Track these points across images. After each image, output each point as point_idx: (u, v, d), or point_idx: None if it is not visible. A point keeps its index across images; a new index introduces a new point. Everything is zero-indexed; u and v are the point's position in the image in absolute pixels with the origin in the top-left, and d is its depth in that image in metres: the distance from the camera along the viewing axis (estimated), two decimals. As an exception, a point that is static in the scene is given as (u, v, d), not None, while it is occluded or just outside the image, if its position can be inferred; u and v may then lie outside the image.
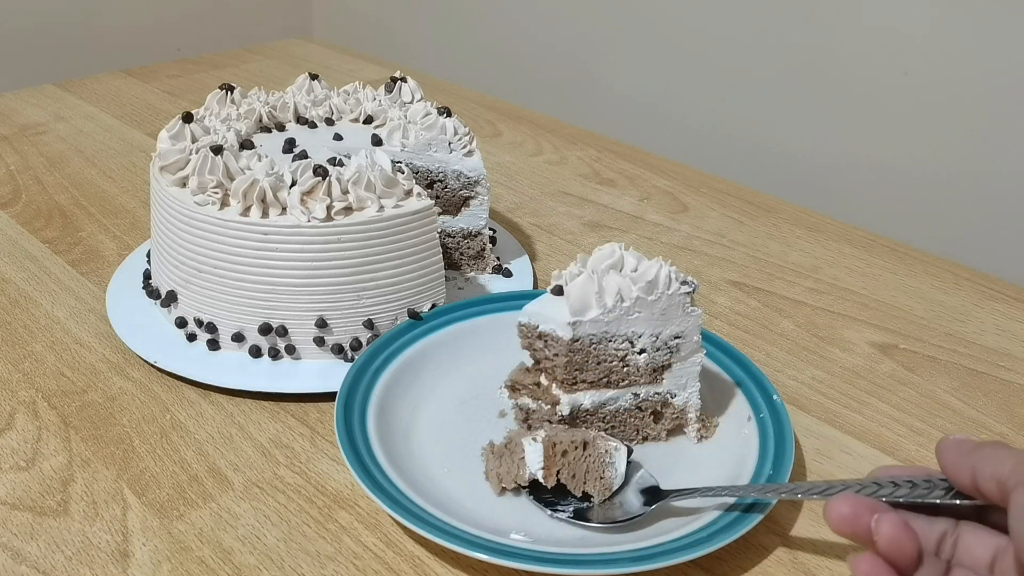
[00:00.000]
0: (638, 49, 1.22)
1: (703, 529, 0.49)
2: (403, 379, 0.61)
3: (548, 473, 0.52)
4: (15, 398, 0.62)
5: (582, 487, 0.52)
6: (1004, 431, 0.62)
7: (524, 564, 0.47)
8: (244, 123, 0.72)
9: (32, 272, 0.77)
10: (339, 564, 0.50)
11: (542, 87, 1.35)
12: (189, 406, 0.62)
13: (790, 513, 0.54)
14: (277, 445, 0.59)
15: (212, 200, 0.62)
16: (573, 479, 0.52)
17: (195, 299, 0.65)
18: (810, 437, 0.61)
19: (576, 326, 0.54)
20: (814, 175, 1.08)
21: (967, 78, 0.94)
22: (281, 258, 0.62)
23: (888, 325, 0.74)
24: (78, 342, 0.68)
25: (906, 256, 0.85)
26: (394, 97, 0.79)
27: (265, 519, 0.53)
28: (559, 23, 1.31)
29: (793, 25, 1.05)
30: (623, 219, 0.91)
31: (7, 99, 1.17)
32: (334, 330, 0.64)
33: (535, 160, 1.04)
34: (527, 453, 0.52)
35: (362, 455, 0.53)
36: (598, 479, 0.52)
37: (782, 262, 0.83)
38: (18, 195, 0.91)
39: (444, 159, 0.73)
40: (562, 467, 0.52)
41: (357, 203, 0.62)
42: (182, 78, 1.27)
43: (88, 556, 0.50)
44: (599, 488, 0.52)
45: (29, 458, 0.57)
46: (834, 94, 1.05)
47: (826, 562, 0.51)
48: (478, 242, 0.76)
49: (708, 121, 1.18)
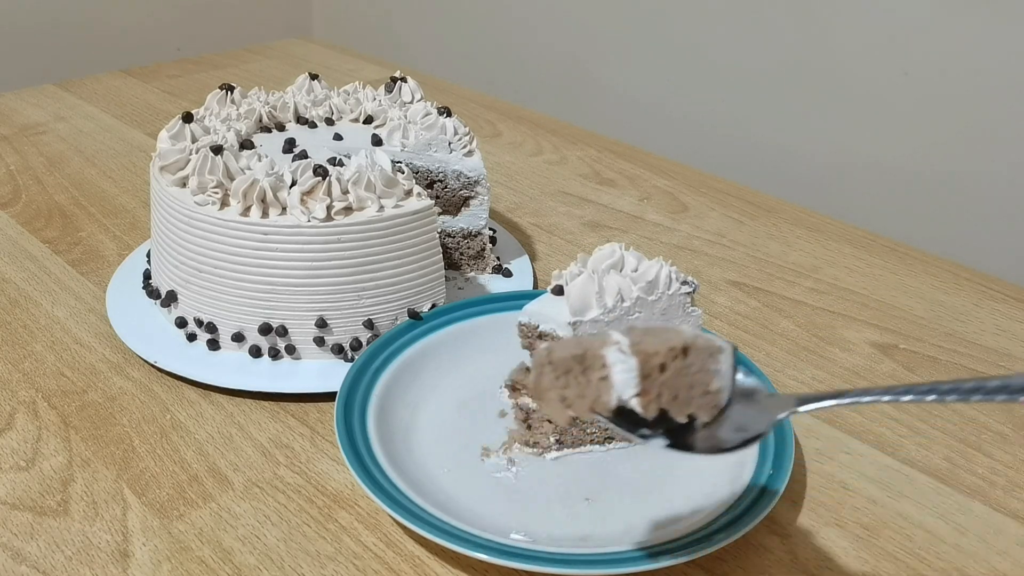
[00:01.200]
0: (638, 49, 1.22)
1: (703, 529, 0.49)
2: (403, 379, 0.61)
3: (647, 398, 0.39)
4: (15, 398, 0.62)
5: (686, 410, 0.40)
6: (1004, 431, 0.62)
7: (524, 564, 0.47)
8: (244, 123, 0.72)
9: (32, 272, 0.77)
10: (339, 564, 0.50)
11: (542, 87, 1.35)
12: (189, 406, 0.62)
13: (790, 513, 0.54)
14: (277, 445, 0.59)
15: (212, 200, 0.62)
16: (675, 401, 0.40)
17: (195, 299, 0.65)
18: (810, 437, 0.61)
19: (576, 326, 0.54)
20: (814, 175, 1.08)
21: (967, 78, 0.94)
22: (281, 258, 0.62)
23: (888, 325, 0.74)
24: (78, 342, 0.68)
25: (906, 256, 0.85)
26: (394, 97, 0.79)
27: (265, 519, 0.53)
28: (559, 23, 1.31)
29: (793, 25, 1.05)
30: (623, 219, 0.91)
31: (7, 99, 1.17)
32: (334, 330, 0.64)
33: (535, 160, 1.04)
34: (614, 370, 0.39)
35: (362, 455, 0.53)
36: (703, 393, 0.40)
37: (782, 262, 0.83)
38: (18, 195, 0.91)
39: (444, 159, 0.73)
40: (662, 388, 0.39)
41: (357, 203, 0.62)
42: (182, 78, 1.27)
43: (88, 556, 0.50)
44: (707, 406, 0.40)
45: (29, 458, 0.57)
46: (834, 94, 1.05)
47: (826, 562, 0.51)
48: (478, 242, 0.76)
49: (708, 121, 1.18)
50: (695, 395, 0.40)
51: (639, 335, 0.40)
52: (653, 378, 0.39)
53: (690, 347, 0.40)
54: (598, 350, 0.39)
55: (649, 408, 0.39)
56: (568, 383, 0.39)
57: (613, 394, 0.39)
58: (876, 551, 0.52)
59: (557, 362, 0.39)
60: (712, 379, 0.40)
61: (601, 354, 0.39)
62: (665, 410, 0.39)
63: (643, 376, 0.38)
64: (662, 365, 0.39)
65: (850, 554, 0.52)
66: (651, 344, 0.39)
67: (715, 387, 0.40)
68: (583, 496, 0.54)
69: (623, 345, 0.39)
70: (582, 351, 0.39)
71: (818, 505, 0.55)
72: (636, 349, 0.38)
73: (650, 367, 0.39)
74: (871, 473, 0.58)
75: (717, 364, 0.40)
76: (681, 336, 0.40)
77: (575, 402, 0.39)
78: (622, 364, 0.38)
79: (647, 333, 0.40)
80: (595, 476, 0.56)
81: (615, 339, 0.39)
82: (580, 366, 0.39)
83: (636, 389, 0.38)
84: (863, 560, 0.51)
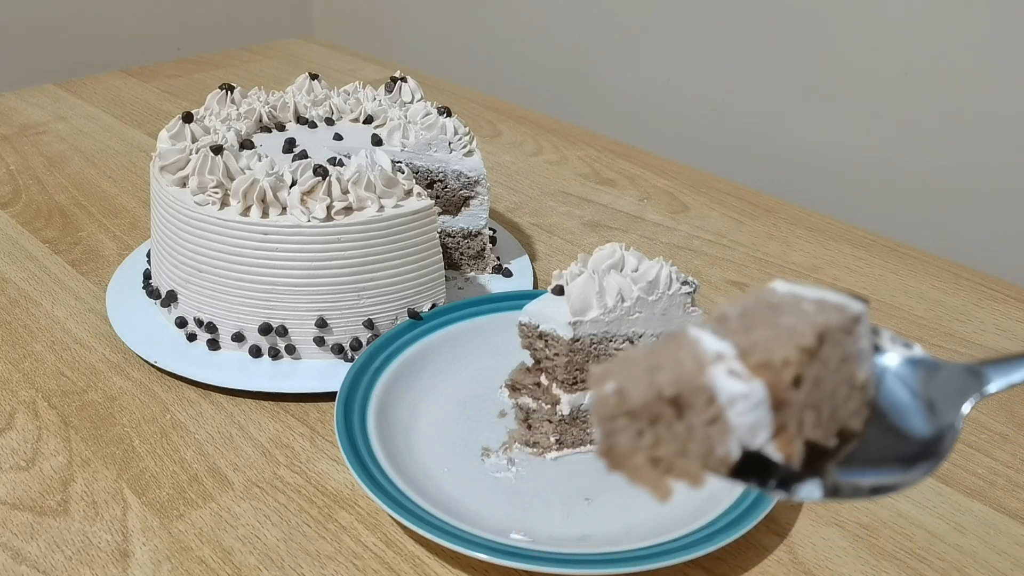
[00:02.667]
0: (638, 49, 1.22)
1: (703, 529, 0.49)
2: (403, 379, 0.61)
3: (786, 437, 0.26)
4: (15, 398, 0.62)
5: (834, 428, 0.27)
6: (1004, 431, 0.62)
7: (524, 564, 0.47)
8: (244, 123, 0.72)
9: (32, 272, 0.77)
10: (339, 564, 0.50)
11: (542, 87, 1.35)
12: (189, 406, 0.62)
13: (790, 513, 0.54)
14: (277, 445, 0.59)
15: (212, 200, 0.62)
16: (820, 421, 0.26)
17: (195, 299, 0.65)
18: (810, 437, 0.61)
19: (577, 326, 0.54)
20: (814, 175, 1.08)
21: (967, 78, 0.93)
22: (281, 258, 0.62)
23: (888, 325, 0.74)
24: (78, 342, 0.68)
25: (906, 256, 0.85)
26: (394, 97, 0.79)
27: (265, 519, 0.53)
28: (559, 23, 1.31)
29: (793, 25, 1.05)
30: (623, 219, 0.91)
31: (7, 99, 1.17)
32: (334, 330, 0.64)
33: (535, 160, 1.04)
34: (732, 410, 0.25)
35: (362, 455, 0.53)
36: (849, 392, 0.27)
37: (782, 262, 0.83)
38: (18, 195, 0.91)
39: (444, 159, 0.73)
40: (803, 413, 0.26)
41: (357, 203, 0.62)
42: (182, 78, 1.27)
43: (88, 556, 0.50)
44: (857, 409, 0.27)
45: (29, 458, 0.57)
46: (834, 94, 1.04)
47: (826, 562, 0.51)
48: (478, 242, 0.76)
49: (708, 121, 1.18)
50: (840, 400, 0.27)
51: (742, 332, 0.26)
52: (790, 403, 0.25)
53: (825, 334, 0.26)
54: (697, 379, 0.25)
55: (793, 451, 0.25)
56: (660, 438, 0.26)
57: (733, 442, 0.25)
58: (876, 551, 0.52)
59: (637, 411, 0.25)
60: (856, 366, 0.27)
61: (704, 385, 0.25)
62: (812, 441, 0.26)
63: (776, 406, 0.25)
64: (797, 378, 0.25)
65: (850, 554, 0.52)
66: (771, 347, 0.25)
67: (862, 377, 0.27)
68: (583, 496, 0.54)
69: (731, 361, 0.25)
70: (674, 387, 0.25)
71: (818, 505, 0.55)
72: (754, 364, 0.25)
73: (783, 389, 0.25)
74: (871, 473, 0.58)
75: (857, 342, 0.27)
76: (805, 318, 0.26)
77: (676, 464, 0.26)
78: (744, 398, 0.25)
79: (749, 322, 0.27)
80: (595, 476, 0.56)
81: (714, 350, 0.26)
82: (674, 409, 0.25)
83: (770, 429, 0.25)
84: (863, 560, 0.51)
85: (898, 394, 0.28)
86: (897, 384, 0.28)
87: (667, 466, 0.26)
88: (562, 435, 0.57)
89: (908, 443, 0.27)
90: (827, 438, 0.27)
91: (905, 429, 0.27)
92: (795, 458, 0.25)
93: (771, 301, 0.28)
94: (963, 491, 0.57)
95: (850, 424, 0.27)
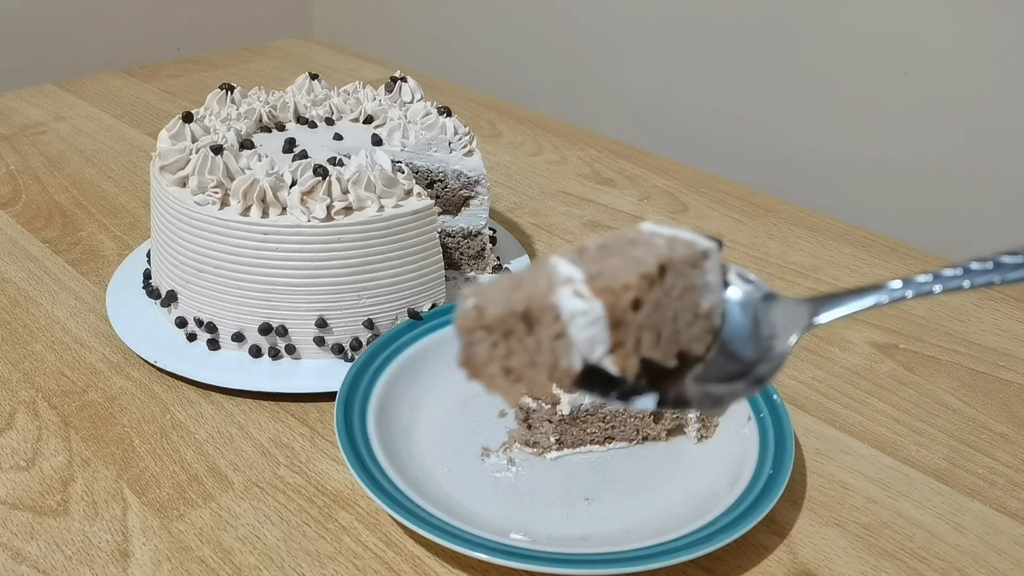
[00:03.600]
0: (638, 49, 1.22)
1: (703, 529, 0.49)
2: (403, 379, 0.61)
3: (623, 353, 0.29)
4: (15, 398, 0.62)
5: (674, 349, 0.30)
6: (1004, 431, 0.62)
7: (524, 564, 0.47)
8: (244, 123, 0.72)
9: (32, 272, 0.77)
10: (339, 564, 0.50)
11: (542, 87, 1.35)
12: (189, 406, 0.62)
13: (790, 513, 0.54)
14: (277, 445, 0.59)
15: (212, 200, 0.62)
16: (659, 342, 0.30)
17: (195, 299, 0.65)
18: (810, 437, 0.61)
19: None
20: (814, 175, 1.08)
21: (967, 78, 0.93)
22: (281, 258, 0.62)
23: (888, 325, 0.74)
24: (78, 342, 0.68)
25: (906, 256, 0.85)
26: (394, 97, 0.79)
27: (265, 519, 0.53)
28: (559, 23, 1.31)
29: (793, 25, 1.05)
30: (623, 219, 0.91)
31: (7, 99, 1.17)
32: (334, 330, 0.64)
33: (535, 160, 1.04)
34: (573, 324, 0.29)
35: (362, 455, 0.53)
36: (692, 319, 0.30)
37: (782, 262, 0.83)
38: (18, 195, 0.91)
39: (444, 159, 0.73)
40: (640, 332, 0.29)
41: (357, 203, 0.62)
42: (182, 78, 1.27)
43: (88, 556, 0.50)
44: (699, 335, 0.31)
45: (29, 458, 0.57)
46: (834, 94, 1.04)
47: (826, 562, 0.51)
48: (478, 242, 0.76)
49: (708, 121, 1.17)
50: (682, 326, 0.30)
51: (596, 261, 0.29)
52: (627, 323, 0.28)
53: (668, 265, 0.30)
54: (546, 298, 0.28)
55: (628, 365, 0.29)
56: (512, 350, 0.29)
57: (576, 356, 0.28)
58: (876, 551, 0.52)
59: (492, 324, 0.28)
60: (700, 297, 0.30)
61: (551, 303, 0.28)
62: (649, 359, 0.30)
63: (613, 324, 0.28)
64: (636, 301, 0.29)
65: (850, 554, 0.52)
66: (616, 273, 0.29)
67: (706, 307, 0.30)
68: (583, 496, 0.54)
69: (578, 284, 0.28)
70: (524, 304, 0.28)
71: (818, 505, 0.55)
72: (597, 287, 0.28)
73: (621, 309, 0.28)
74: (871, 473, 0.58)
75: (703, 275, 0.30)
76: (653, 251, 0.30)
77: (526, 374, 0.29)
78: (583, 314, 0.28)
79: (605, 253, 0.30)
80: (595, 476, 0.56)
81: (565, 274, 0.29)
82: (524, 324, 0.28)
83: (607, 344, 0.28)
84: (863, 560, 0.51)
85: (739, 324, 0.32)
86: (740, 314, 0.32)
87: (518, 375, 0.29)
88: (562, 435, 0.57)
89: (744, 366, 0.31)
90: (666, 358, 0.30)
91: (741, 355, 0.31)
92: (629, 372, 0.29)
93: (630, 237, 0.32)
94: (963, 491, 0.57)
95: (692, 348, 0.31)
